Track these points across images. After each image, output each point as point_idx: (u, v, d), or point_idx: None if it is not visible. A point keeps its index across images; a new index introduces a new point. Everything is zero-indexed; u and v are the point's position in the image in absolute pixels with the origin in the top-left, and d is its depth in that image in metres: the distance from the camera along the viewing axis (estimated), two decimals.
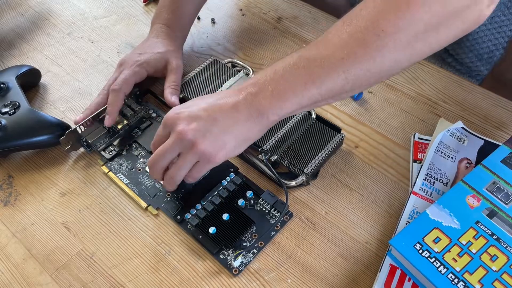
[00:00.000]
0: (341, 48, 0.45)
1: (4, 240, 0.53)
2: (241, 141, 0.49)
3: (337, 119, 0.63)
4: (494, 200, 0.49)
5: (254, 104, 0.47)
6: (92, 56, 0.74)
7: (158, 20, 0.68)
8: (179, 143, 0.48)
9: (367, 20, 0.44)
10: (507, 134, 0.60)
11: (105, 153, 0.60)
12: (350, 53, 0.44)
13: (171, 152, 0.49)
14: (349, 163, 0.58)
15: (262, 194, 0.54)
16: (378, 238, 0.51)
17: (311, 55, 0.46)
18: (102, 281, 0.50)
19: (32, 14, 0.82)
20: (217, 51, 0.73)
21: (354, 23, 0.45)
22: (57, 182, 0.58)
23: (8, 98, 0.62)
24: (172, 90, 0.62)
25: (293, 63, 0.47)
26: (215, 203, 0.53)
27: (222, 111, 0.48)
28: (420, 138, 0.59)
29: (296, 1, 0.80)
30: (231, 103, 0.48)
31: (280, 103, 0.47)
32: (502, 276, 0.44)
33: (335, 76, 0.45)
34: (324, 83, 0.45)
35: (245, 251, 0.50)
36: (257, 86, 0.48)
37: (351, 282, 0.48)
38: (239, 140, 0.48)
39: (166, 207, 0.54)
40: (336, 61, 0.45)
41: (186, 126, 0.47)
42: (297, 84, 0.46)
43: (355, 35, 0.44)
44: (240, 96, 0.48)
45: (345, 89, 0.46)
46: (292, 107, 0.47)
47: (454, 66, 0.79)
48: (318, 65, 0.45)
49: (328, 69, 0.45)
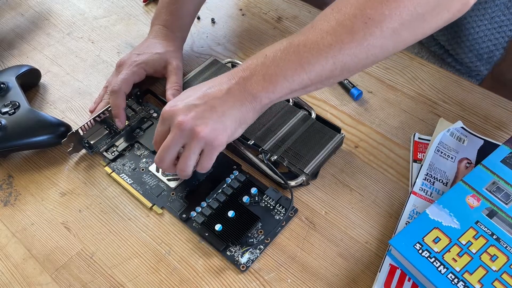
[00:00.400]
0: (329, 34, 0.46)
1: (4, 240, 0.54)
2: (239, 123, 0.50)
3: (337, 119, 0.63)
4: (494, 200, 0.49)
5: (247, 88, 0.48)
6: (92, 56, 0.74)
7: (157, 21, 0.68)
8: (181, 134, 0.48)
9: (355, 8, 0.45)
10: (507, 134, 0.60)
11: (108, 154, 0.60)
12: (338, 40, 0.45)
13: (175, 145, 0.49)
14: (349, 163, 0.58)
15: (266, 190, 0.55)
16: (378, 238, 0.51)
17: (300, 41, 0.47)
18: (102, 281, 0.50)
19: (32, 14, 0.82)
20: (217, 51, 0.73)
21: (342, 10, 0.46)
22: (57, 182, 0.58)
23: (8, 98, 0.62)
24: (175, 91, 0.62)
25: (283, 48, 0.48)
26: (220, 200, 0.54)
27: (217, 97, 0.49)
28: (420, 138, 0.59)
29: (296, 1, 0.80)
30: (225, 89, 0.49)
31: (272, 87, 0.48)
32: (502, 276, 0.44)
33: (323, 61, 0.46)
34: (313, 68, 0.47)
35: (252, 247, 0.50)
36: (248, 70, 0.49)
37: (351, 282, 0.48)
38: (238, 123, 0.49)
39: (171, 206, 0.54)
40: (325, 47, 0.46)
41: (185, 117, 0.48)
42: (288, 68, 0.47)
43: (343, 22, 0.45)
44: (233, 81, 0.49)
45: (334, 74, 0.48)
46: (283, 91, 0.48)
47: (454, 66, 0.79)
48: (307, 50, 0.46)
49: (317, 54, 0.46)
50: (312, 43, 0.46)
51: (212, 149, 0.49)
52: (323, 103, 0.65)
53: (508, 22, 0.71)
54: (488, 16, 0.71)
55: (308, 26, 0.48)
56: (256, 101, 0.49)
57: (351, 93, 0.65)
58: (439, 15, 0.46)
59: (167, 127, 0.50)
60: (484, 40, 0.73)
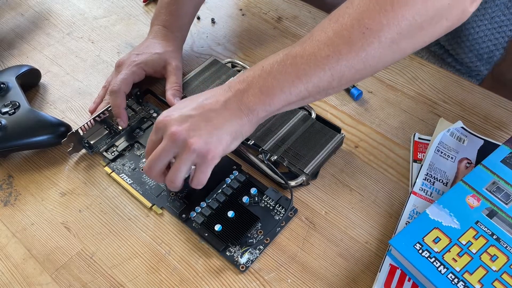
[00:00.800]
0: (326, 45, 0.45)
1: (4, 240, 0.54)
2: (234, 137, 0.49)
3: (337, 119, 0.63)
4: (494, 200, 0.49)
5: (243, 101, 0.48)
6: (92, 56, 0.74)
7: (156, 21, 0.68)
8: (173, 144, 0.47)
9: (352, 18, 0.44)
10: (507, 134, 0.60)
11: (107, 154, 0.60)
12: (336, 50, 0.45)
13: (165, 155, 0.48)
14: (349, 163, 0.58)
15: (266, 190, 0.55)
16: (378, 238, 0.51)
17: (297, 52, 0.47)
18: (102, 281, 0.50)
19: (32, 14, 0.82)
20: (217, 51, 0.73)
21: (339, 21, 0.45)
22: (57, 182, 0.58)
23: (8, 98, 0.62)
24: (175, 92, 0.62)
25: (280, 60, 0.47)
26: (219, 200, 0.54)
27: (213, 109, 0.48)
28: (420, 138, 0.59)
29: (296, 1, 0.80)
30: (222, 101, 0.48)
31: (269, 100, 0.47)
32: (502, 276, 0.44)
33: (321, 73, 0.46)
34: (311, 79, 0.46)
35: (252, 247, 0.50)
36: (245, 83, 0.48)
37: (351, 282, 0.48)
38: (233, 136, 0.49)
39: (170, 206, 0.54)
40: (322, 58, 0.45)
41: (179, 127, 0.47)
42: (284, 80, 0.46)
43: (340, 32, 0.45)
44: (229, 93, 0.48)
45: (332, 85, 0.47)
46: (280, 103, 0.48)
47: (454, 66, 0.79)
48: (304, 62, 0.46)
49: (314, 66, 0.46)
50: (309, 55, 0.46)
51: (205, 162, 0.48)
52: (323, 103, 0.65)
53: (508, 22, 0.71)
54: (488, 16, 0.71)
55: (305, 37, 0.48)
56: (252, 114, 0.48)
57: (351, 93, 0.65)
58: (438, 24, 0.45)
59: (160, 136, 0.49)
60: (484, 40, 0.73)
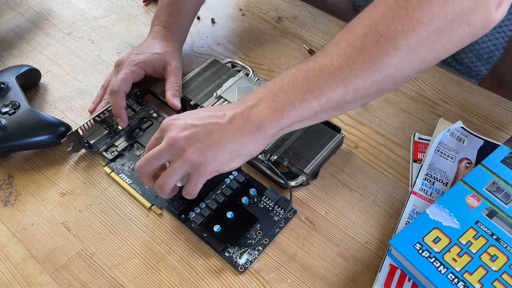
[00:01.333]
0: (339, 56, 0.43)
1: (4, 240, 0.54)
2: (234, 155, 0.47)
3: (337, 119, 0.63)
4: (494, 200, 0.49)
5: (251, 117, 0.46)
6: (92, 56, 0.74)
7: (156, 22, 0.68)
8: (169, 148, 0.47)
9: (365, 27, 0.43)
10: (507, 134, 0.60)
11: (107, 153, 0.60)
12: (348, 60, 0.43)
13: (159, 157, 0.48)
14: (349, 163, 0.58)
15: (265, 191, 0.55)
16: (378, 238, 0.51)
17: (309, 66, 0.45)
18: (102, 281, 0.50)
19: (32, 14, 0.82)
20: (217, 51, 0.73)
21: (353, 31, 0.44)
22: (57, 182, 0.58)
23: (8, 98, 0.62)
24: (175, 92, 0.62)
25: (292, 74, 0.46)
26: (218, 201, 0.54)
27: (217, 122, 0.47)
28: (420, 138, 0.59)
29: (296, 1, 0.80)
30: (228, 116, 0.47)
31: (278, 116, 0.45)
32: (502, 276, 0.44)
33: (334, 85, 0.44)
34: (323, 92, 0.44)
35: (250, 248, 0.50)
36: (256, 98, 0.47)
37: (351, 282, 0.48)
38: (232, 155, 0.47)
39: (169, 207, 0.54)
40: (335, 69, 0.43)
41: (179, 133, 0.47)
42: (296, 95, 0.45)
43: (353, 42, 0.43)
44: (238, 108, 0.47)
45: (346, 99, 0.44)
46: (291, 119, 0.45)
47: (453, 66, 0.79)
48: (316, 74, 0.44)
49: (327, 77, 0.44)
50: (321, 66, 0.44)
51: (197, 175, 0.47)
52: None
53: (508, 22, 0.71)
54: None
55: (319, 52, 0.46)
56: (259, 132, 0.46)
57: None
58: (460, 29, 0.42)
59: (161, 137, 0.49)
60: (484, 40, 0.73)
